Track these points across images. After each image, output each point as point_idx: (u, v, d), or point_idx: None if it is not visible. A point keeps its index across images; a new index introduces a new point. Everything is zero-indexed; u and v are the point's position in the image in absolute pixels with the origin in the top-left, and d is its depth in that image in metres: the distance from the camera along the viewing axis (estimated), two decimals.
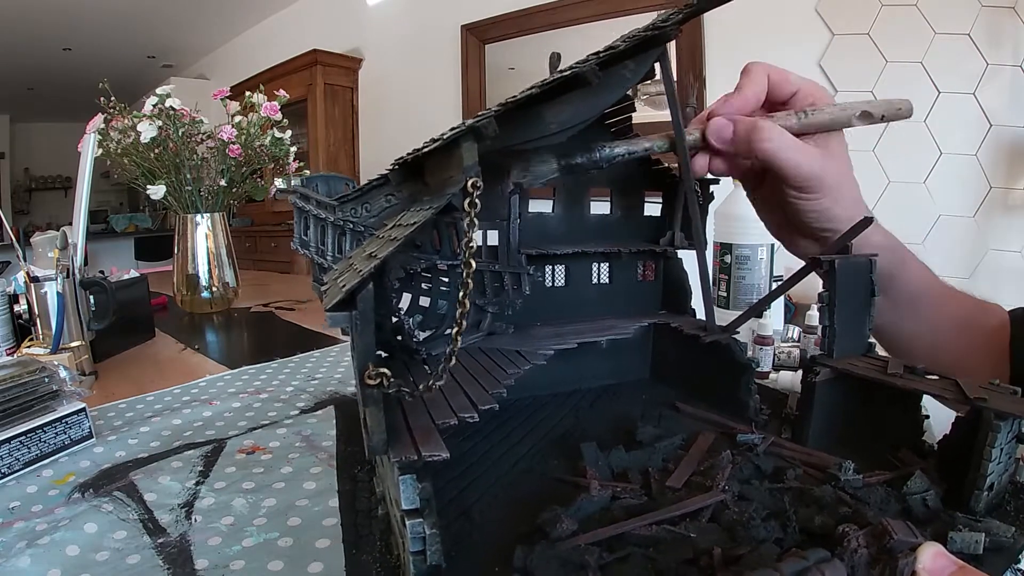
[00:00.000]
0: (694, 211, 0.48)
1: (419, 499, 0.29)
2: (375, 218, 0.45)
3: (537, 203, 0.57)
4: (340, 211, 0.47)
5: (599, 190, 0.60)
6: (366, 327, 0.30)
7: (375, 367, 0.29)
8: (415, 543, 0.28)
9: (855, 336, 0.45)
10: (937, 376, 0.39)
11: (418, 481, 0.29)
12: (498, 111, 0.32)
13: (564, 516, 0.32)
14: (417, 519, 0.28)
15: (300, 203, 0.51)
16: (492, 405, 0.36)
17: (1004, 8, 1.63)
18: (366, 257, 0.33)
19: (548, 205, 0.58)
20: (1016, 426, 0.34)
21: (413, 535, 0.28)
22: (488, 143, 0.32)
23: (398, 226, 0.36)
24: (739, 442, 0.43)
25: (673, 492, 0.36)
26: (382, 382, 0.29)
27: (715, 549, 0.29)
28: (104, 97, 1.12)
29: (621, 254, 0.58)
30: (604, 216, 0.61)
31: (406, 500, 0.29)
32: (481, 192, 0.30)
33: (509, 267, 0.53)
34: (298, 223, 0.52)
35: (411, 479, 0.29)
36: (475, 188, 0.30)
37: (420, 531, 0.28)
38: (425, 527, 0.28)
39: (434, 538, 0.28)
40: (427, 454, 0.29)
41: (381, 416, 0.29)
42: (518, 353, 0.48)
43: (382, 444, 0.30)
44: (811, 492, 0.34)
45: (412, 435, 0.31)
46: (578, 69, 0.33)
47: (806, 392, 0.44)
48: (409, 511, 0.29)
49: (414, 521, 0.28)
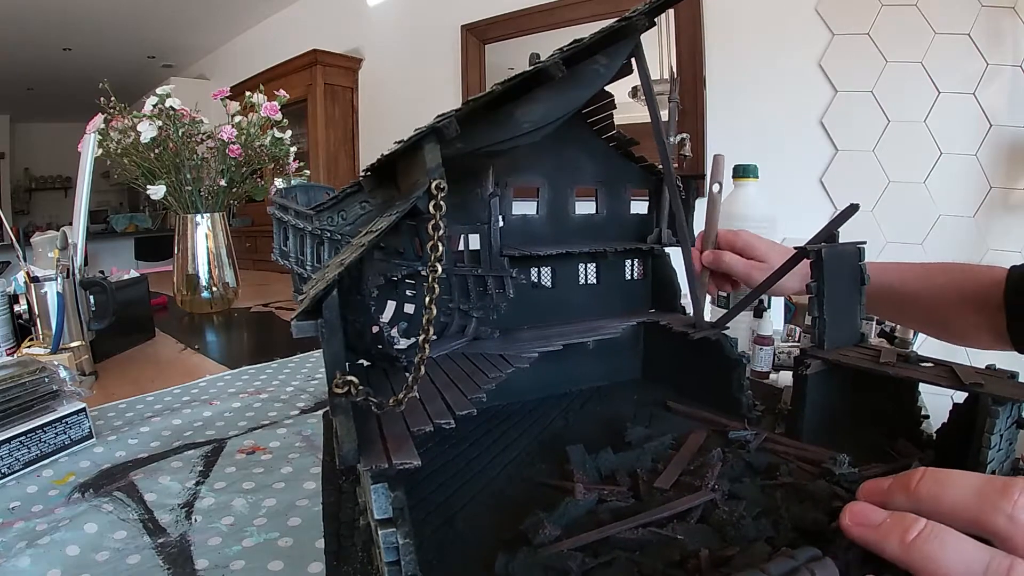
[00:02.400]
0: (677, 207, 0.48)
1: (392, 508, 0.28)
2: (351, 226, 0.45)
3: (521, 205, 0.57)
4: (317, 220, 0.47)
5: (584, 189, 0.59)
6: (333, 335, 0.30)
7: (342, 375, 0.28)
8: (388, 553, 0.28)
9: (846, 326, 0.44)
10: (931, 363, 0.39)
11: (391, 490, 0.28)
12: (460, 111, 0.32)
13: (547, 521, 0.31)
14: (390, 528, 0.28)
15: (279, 214, 0.51)
16: (470, 410, 0.35)
17: (1004, 8, 1.62)
18: (336, 264, 0.33)
19: (532, 207, 0.58)
20: (1015, 411, 0.33)
21: (386, 545, 0.28)
22: (458, 145, 0.32)
23: (368, 232, 0.35)
24: (731, 439, 0.43)
25: (661, 493, 0.35)
26: (349, 390, 0.28)
27: (703, 551, 0.28)
28: (104, 97, 1.12)
29: (608, 253, 0.58)
30: (590, 216, 0.60)
31: (378, 509, 0.28)
32: (446, 194, 0.29)
33: (492, 271, 0.53)
34: (277, 233, 0.52)
35: (383, 488, 0.28)
36: (439, 190, 0.29)
37: (393, 541, 0.28)
38: (398, 536, 0.28)
39: (408, 548, 0.28)
40: (398, 463, 0.28)
41: (351, 425, 0.29)
42: (501, 357, 0.47)
43: (352, 453, 0.29)
44: (804, 488, 0.34)
45: (385, 443, 0.30)
46: (541, 64, 0.33)
47: (798, 385, 0.44)
48: (382, 520, 0.28)
49: (387, 531, 0.28)
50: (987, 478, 0.24)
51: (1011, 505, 0.22)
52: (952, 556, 0.22)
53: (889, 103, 1.71)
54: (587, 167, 0.58)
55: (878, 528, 0.25)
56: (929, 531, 0.23)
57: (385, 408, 0.30)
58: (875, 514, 0.25)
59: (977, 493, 0.23)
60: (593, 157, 0.58)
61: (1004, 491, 0.23)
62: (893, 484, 0.26)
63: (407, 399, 0.30)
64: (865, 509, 0.26)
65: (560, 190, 0.58)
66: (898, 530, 0.24)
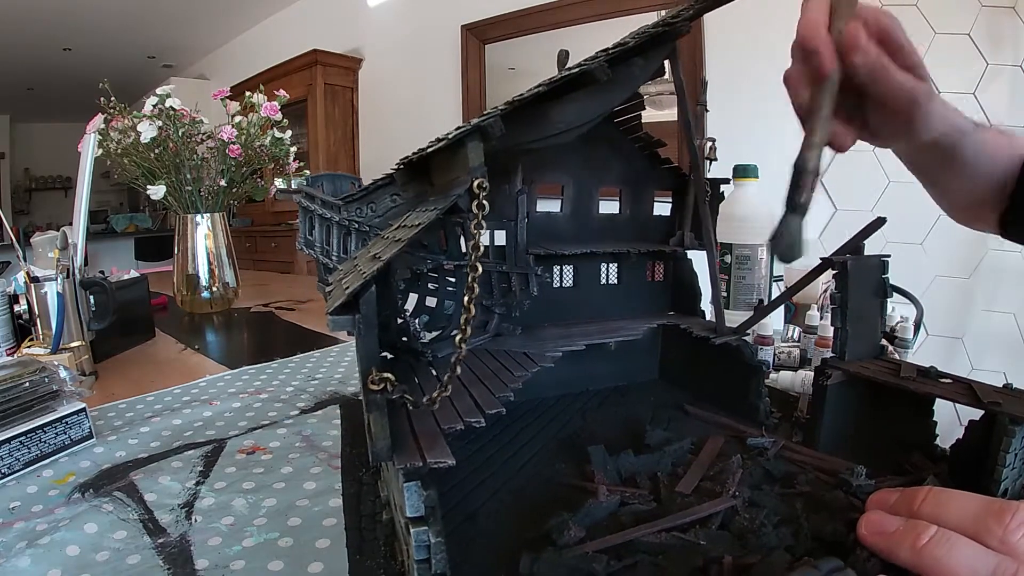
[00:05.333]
0: (704, 211, 0.47)
1: (424, 507, 0.28)
2: (380, 218, 0.45)
3: (545, 203, 0.57)
4: (345, 211, 0.47)
5: (608, 190, 0.59)
6: (369, 331, 0.30)
7: (379, 372, 0.28)
8: (419, 551, 0.28)
9: (867, 338, 0.44)
10: (951, 379, 0.39)
11: (423, 488, 0.28)
12: (504, 110, 0.32)
13: (572, 523, 0.31)
14: (422, 527, 0.28)
15: (305, 202, 0.51)
16: (499, 409, 0.35)
17: (1004, 8, 1.63)
18: (370, 258, 0.33)
19: (557, 204, 0.58)
20: None
21: (418, 543, 0.28)
22: (494, 143, 0.32)
23: (403, 227, 0.35)
24: (749, 446, 0.42)
25: (683, 498, 0.35)
26: (386, 387, 0.28)
27: (725, 557, 0.28)
28: (104, 97, 1.12)
29: (630, 254, 0.58)
30: (613, 216, 0.60)
31: (411, 508, 0.28)
32: (488, 193, 0.29)
33: (516, 268, 0.53)
34: (303, 222, 0.52)
35: (416, 486, 0.28)
36: (481, 189, 0.29)
37: (425, 539, 0.28)
38: (430, 535, 0.28)
39: (439, 546, 0.28)
40: (432, 461, 0.28)
41: (385, 422, 0.29)
42: (525, 355, 0.47)
43: (386, 450, 0.29)
44: (822, 498, 0.33)
45: (417, 441, 0.30)
46: (587, 66, 0.33)
47: (817, 395, 0.43)
48: (414, 519, 0.28)
49: (419, 529, 0.28)
50: (986, 501, 0.25)
51: (1003, 529, 0.24)
52: (961, 561, 0.24)
53: None
54: (613, 167, 0.58)
55: (891, 535, 0.26)
56: (940, 537, 0.24)
57: (420, 407, 0.30)
58: (889, 522, 0.27)
59: (974, 516, 0.25)
60: (619, 157, 0.58)
61: (998, 515, 0.24)
62: (898, 501, 0.28)
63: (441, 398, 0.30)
64: (881, 518, 0.27)
65: (585, 189, 0.58)
66: (910, 536, 0.25)
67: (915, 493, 0.27)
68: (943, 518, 0.25)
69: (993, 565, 0.23)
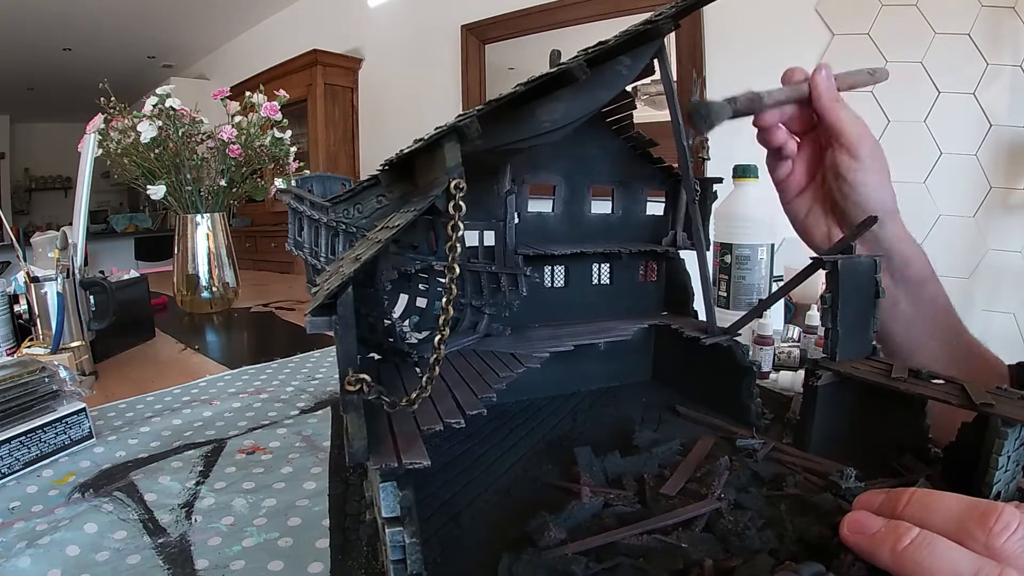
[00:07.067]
0: (694, 211, 0.47)
1: (399, 507, 0.28)
2: (367, 219, 0.45)
3: (537, 202, 0.57)
4: (333, 212, 0.46)
5: (601, 189, 0.59)
6: (347, 332, 0.29)
7: (355, 373, 0.28)
8: (395, 552, 0.28)
9: (859, 339, 0.44)
10: (942, 380, 0.38)
11: (399, 489, 0.28)
12: (481, 111, 0.32)
13: (552, 524, 0.31)
14: (397, 527, 0.28)
15: (294, 204, 0.51)
16: (480, 410, 0.35)
17: (1004, 8, 1.62)
18: (352, 260, 0.33)
19: (548, 204, 0.58)
20: None
21: (393, 543, 0.28)
22: (476, 143, 0.32)
23: (384, 228, 0.35)
24: (739, 447, 0.42)
25: (667, 500, 0.35)
26: (362, 388, 0.28)
27: (706, 560, 0.28)
28: (104, 97, 1.12)
29: (622, 254, 0.58)
30: (605, 216, 0.60)
31: (386, 508, 0.28)
32: (464, 194, 0.29)
33: (505, 268, 0.53)
34: (292, 224, 0.52)
35: (392, 487, 0.28)
36: (458, 190, 0.29)
37: (400, 540, 0.28)
38: (405, 536, 0.28)
39: (414, 547, 0.28)
40: (408, 462, 0.28)
41: (361, 422, 0.29)
42: (512, 356, 0.47)
43: (363, 451, 0.29)
44: (810, 500, 0.33)
45: (395, 441, 0.30)
46: (565, 65, 0.33)
47: (808, 396, 0.43)
48: (389, 519, 0.28)
49: (394, 529, 0.28)
50: (971, 503, 0.25)
51: (986, 533, 0.23)
52: (942, 564, 0.23)
53: (889, 103, 1.71)
54: (604, 167, 0.58)
55: (872, 536, 0.26)
56: (921, 539, 0.24)
57: (398, 408, 0.30)
58: (872, 523, 0.26)
59: (958, 518, 0.24)
60: (610, 157, 0.58)
61: (982, 519, 0.24)
62: (883, 502, 0.27)
63: (420, 399, 0.30)
64: (863, 518, 0.27)
65: (576, 189, 0.58)
66: (891, 538, 0.25)
67: (900, 494, 0.27)
68: (927, 520, 0.25)
69: (975, 569, 0.22)
